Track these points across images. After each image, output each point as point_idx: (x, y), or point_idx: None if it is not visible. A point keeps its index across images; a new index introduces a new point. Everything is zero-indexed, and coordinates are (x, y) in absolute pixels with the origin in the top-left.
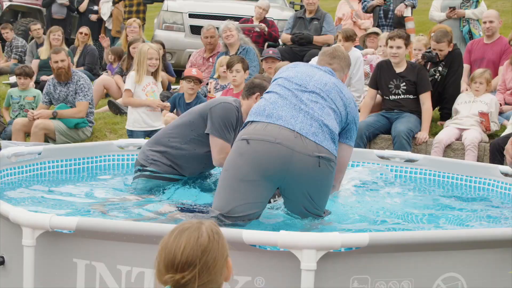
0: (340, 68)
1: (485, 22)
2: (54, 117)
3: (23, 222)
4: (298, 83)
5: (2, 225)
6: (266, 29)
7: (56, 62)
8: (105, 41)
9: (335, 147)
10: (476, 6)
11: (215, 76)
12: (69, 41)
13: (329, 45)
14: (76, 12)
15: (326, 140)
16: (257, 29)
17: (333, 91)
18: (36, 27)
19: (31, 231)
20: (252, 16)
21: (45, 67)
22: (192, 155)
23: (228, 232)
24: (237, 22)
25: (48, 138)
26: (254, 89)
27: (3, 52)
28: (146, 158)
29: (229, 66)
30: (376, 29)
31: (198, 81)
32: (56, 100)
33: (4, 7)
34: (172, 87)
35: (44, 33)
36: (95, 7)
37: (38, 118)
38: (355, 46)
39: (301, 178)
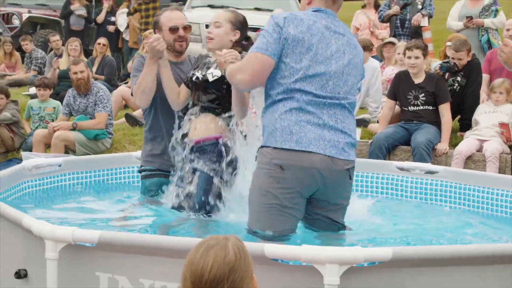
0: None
1: (508, 30)
2: (73, 128)
3: (46, 235)
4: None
5: (24, 238)
6: None
7: (76, 73)
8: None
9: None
10: (495, 15)
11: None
12: (87, 52)
13: None
14: (93, 24)
15: (351, 150)
16: None
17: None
18: (55, 39)
19: (54, 244)
20: None
21: (64, 77)
22: (151, 126)
23: (250, 246)
24: (255, 33)
25: (68, 149)
26: None
27: (22, 63)
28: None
29: None
30: (393, 39)
31: None
32: (76, 111)
33: (24, 18)
34: None
35: (63, 44)
36: (113, 18)
37: (58, 130)
38: (372, 56)
39: (333, 193)
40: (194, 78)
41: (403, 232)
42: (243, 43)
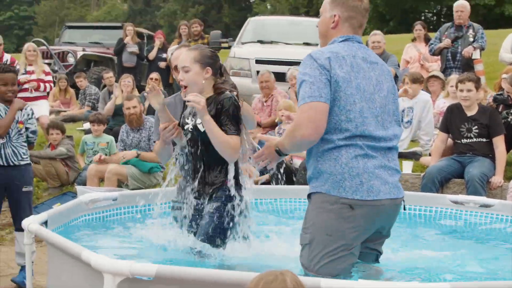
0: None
1: None
2: (137, 155)
3: (104, 269)
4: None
5: (83, 271)
6: None
7: (128, 108)
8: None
9: None
10: None
11: (277, 120)
12: (139, 88)
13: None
14: (145, 60)
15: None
16: None
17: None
18: (109, 75)
19: (112, 278)
20: None
21: (117, 113)
22: None
23: (306, 280)
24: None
25: (121, 183)
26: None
27: (77, 99)
28: None
29: None
30: (437, 73)
31: (257, 124)
32: (129, 146)
33: (78, 56)
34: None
35: (116, 81)
36: (164, 55)
37: (124, 159)
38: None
39: (389, 226)
40: (186, 127)
41: (456, 267)
42: (222, 82)
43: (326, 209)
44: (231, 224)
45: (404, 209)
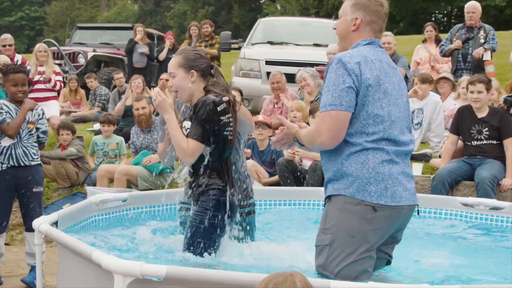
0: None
1: None
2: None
3: (115, 269)
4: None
5: (93, 272)
6: None
7: (137, 109)
8: None
9: None
10: None
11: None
12: (149, 89)
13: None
14: (155, 61)
15: None
16: None
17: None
18: (119, 76)
19: (122, 278)
20: (327, 62)
21: (127, 114)
22: None
23: (315, 282)
24: (313, 68)
25: (131, 183)
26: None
27: (87, 100)
28: None
29: (312, 112)
30: (446, 74)
31: (267, 126)
32: (139, 147)
33: (89, 57)
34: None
35: (126, 82)
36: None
37: (151, 162)
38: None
39: (403, 231)
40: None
41: (469, 269)
42: (212, 84)
43: (349, 210)
44: (217, 229)
45: (418, 213)
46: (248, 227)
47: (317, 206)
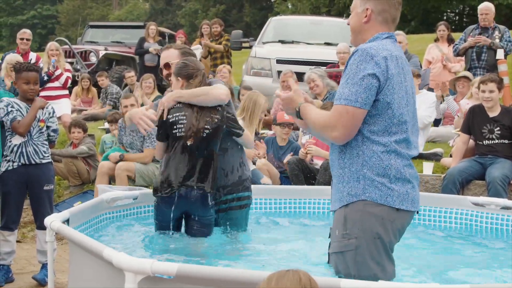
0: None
1: None
2: (120, 160)
3: (126, 267)
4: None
5: (104, 269)
6: None
7: (126, 106)
8: None
9: None
10: None
11: None
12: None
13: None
14: None
15: None
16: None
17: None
18: (130, 75)
19: (133, 276)
20: (338, 61)
21: None
22: None
23: (325, 281)
24: (322, 69)
25: (130, 179)
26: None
27: (98, 98)
28: None
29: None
30: (467, 73)
31: (291, 125)
32: (124, 143)
33: (100, 56)
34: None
35: (137, 80)
36: None
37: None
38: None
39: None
40: None
41: (479, 268)
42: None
43: (371, 213)
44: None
45: (417, 213)
46: (227, 223)
47: (327, 205)
